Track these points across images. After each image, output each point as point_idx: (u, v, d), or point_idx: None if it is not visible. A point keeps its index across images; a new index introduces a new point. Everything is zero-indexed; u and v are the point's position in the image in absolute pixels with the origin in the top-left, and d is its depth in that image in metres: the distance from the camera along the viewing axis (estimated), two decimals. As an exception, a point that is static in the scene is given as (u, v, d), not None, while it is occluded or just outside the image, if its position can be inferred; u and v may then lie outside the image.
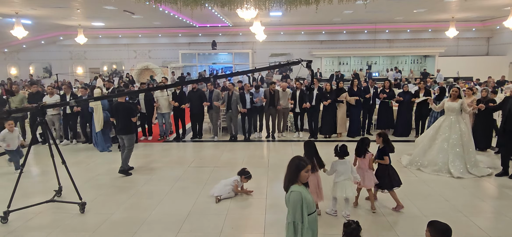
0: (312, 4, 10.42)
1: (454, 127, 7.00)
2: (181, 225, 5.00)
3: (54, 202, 5.67)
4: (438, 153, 7.03)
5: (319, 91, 10.00)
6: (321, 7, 10.99)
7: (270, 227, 4.92)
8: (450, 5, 15.76)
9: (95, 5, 14.94)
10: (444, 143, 7.02)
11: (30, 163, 6.73)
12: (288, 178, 3.14)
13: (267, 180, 6.83)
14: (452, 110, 7.08)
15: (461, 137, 6.93)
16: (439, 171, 6.90)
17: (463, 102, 7.06)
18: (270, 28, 21.27)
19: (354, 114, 10.13)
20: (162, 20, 19.31)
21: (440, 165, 6.92)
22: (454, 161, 6.86)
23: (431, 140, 7.27)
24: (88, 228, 4.97)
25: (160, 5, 11.55)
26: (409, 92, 10.20)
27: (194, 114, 10.21)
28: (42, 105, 5.53)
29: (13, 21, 15.77)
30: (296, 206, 3.00)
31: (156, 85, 13.36)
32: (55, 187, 6.03)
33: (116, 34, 24.03)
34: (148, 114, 10.31)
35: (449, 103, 7.14)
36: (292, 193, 3.04)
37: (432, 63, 22.76)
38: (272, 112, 10.28)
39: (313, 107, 9.86)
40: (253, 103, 10.06)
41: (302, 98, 9.92)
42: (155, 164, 8.07)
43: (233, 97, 9.90)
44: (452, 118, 7.07)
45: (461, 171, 6.78)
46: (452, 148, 6.93)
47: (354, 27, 22.55)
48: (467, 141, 6.95)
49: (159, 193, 6.19)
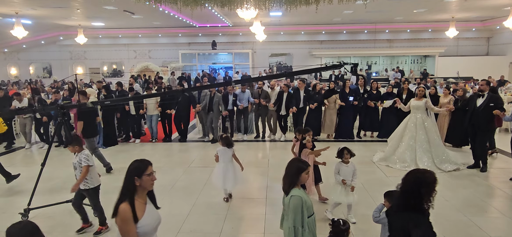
0: (312, 4, 10.41)
1: (419, 125, 7.37)
2: (181, 225, 5.00)
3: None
4: (406, 150, 7.37)
5: (306, 93, 9.90)
6: (321, 7, 10.99)
7: (270, 227, 4.92)
8: (450, 5, 15.76)
9: (95, 5, 14.94)
10: (411, 140, 7.39)
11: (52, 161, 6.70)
12: (289, 180, 3.12)
13: (267, 180, 6.84)
14: (418, 108, 7.46)
15: (427, 133, 7.30)
16: (408, 168, 7.06)
17: (428, 101, 7.53)
18: (270, 28, 21.28)
19: (345, 116, 10.00)
20: (162, 20, 19.31)
21: (409, 162, 7.23)
22: (421, 158, 7.19)
23: (399, 138, 7.63)
24: (88, 228, 4.96)
25: (160, 5, 11.55)
26: (393, 93, 10.12)
27: (180, 115, 10.12)
28: (62, 105, 5.55)
29: (13, 21, 15.78)
30: (297, 211, 2.99)
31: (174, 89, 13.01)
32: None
33: (116, 34, 24.04)
34: (137, 116, 10.19)
35: (415, 102, 7.53)
36: (293, 197, 3.03)
37: (432, 63, 22.77)
38: (261, 113, 10.21)
39: (300, 109, 9.78)
40: (236, 106, 10.02)
41: (289, 100, 9.83)
42: (153, 164, 8.04)
43: (214, 98, 9.76)
44: (418, 116, 7.43)
45: (429, 166, 7.00)
46: (419, 145, 7.27)
47: (354, 27, 22.56)
48: (433, 137, 7.31)
49: (158, 194, 6.17)
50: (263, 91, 10.11)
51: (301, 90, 9.86)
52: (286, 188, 3.13)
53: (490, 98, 6.85)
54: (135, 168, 2.75)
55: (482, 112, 6.86)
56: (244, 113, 10.25)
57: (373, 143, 9.61)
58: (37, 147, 9.99)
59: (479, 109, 6.92)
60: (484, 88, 6.96)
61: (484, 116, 6.86)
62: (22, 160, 8.79)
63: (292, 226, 3.00)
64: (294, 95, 9.89)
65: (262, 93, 10.03)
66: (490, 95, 6.91)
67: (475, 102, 7.07)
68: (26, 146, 9.86)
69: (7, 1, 13.18)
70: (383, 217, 3.90)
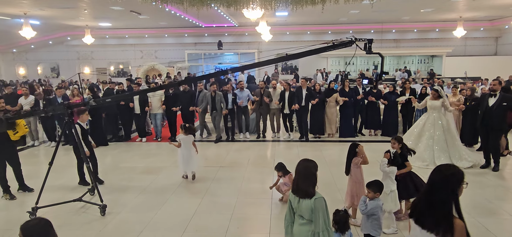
0: (318, 4, 10.39)
1: (437, 124, 7.47)
2: (186, 224, 5.01)
3: (81, 201, 5.70)
4: (425, 149, 7.42)
5: (308, 91, 9.90)
6: (327, 7, 10.96)
7: (275, 226, 4.91)
8: (457, 5, 15.61)
9: (102, 6, 15.06)
10: (429, 140, 7.46)
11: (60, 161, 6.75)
12: (310, 183, 2.96)
13: (273, 180, 6.81)
14: (434, 107, 7.56)
15: (444, 133, 7.39)
16: (427, 166, 7.20)
17: (444, 100, 7.53)
18: (276, 28, 21.27)
19: (346, 115, 10.08)
20: (168, 20, 19.40)
21: (428, 161, 7.29)
22: (439, 157, 7.26)
23: (417, 138, 7.66)
24: (94, 227, 5.00)
25: (166, 5, 11.61)
26: (395, 93, 10.23)
27: (184, 114, 10.18)
28: (68, 104, 5.58)
29: (21, 22, 15.99)
30: (325, 212, 2.92)
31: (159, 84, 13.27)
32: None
33: (123, 34, 24.20)
34: (142, 114, 10.22)
35: (431, 102, 7.63)
36: (317, 200, 2.91)
37: (440, 63, 22.57)
38: (263, 111, 10.21)
39: (302, 107, 9.79)
40: (236, 104, 10.04)
41: (291, 98, 9.84)
42: (159, 164, 8.09)
43: (216, 97, 9.80)
44: (435, 115, 7.54)
45: None
46: (436, 144, 7.37)
47: (361, 27, 22.45)
48: (450, 136, 7.40)
49: (165, 193, 6.22)
50: (266, 90, 10.12)
51: (304, 89, 9.86)
52: (310, 190, 2.95)
53: (503, 98, 6.84)
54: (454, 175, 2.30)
55: (495, 111, 6.85)
56: (244, 112, 10.27)
57: (376, 143, 9.52)
58: (44, 145, 10.11)
59: (492, 108, 6.91)
60: (496, 87, 6.96)
61: (497, 115, 6.86)
62: (30, 159, 8.87)
63: (326, 229, 2.90)
64: (296, 93, 9.89)
65: (265, 92, 10.04)
66: (502, 94, 6.90)
67: (487, 102, 7.05)
68: (35, 143, 10.11)
69: (16, 2, 13.33)
70: (370, 208, 3.95)
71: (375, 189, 4.06)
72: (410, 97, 9.39)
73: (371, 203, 4.02)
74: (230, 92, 10.09)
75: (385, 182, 4.57)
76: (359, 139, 9.83)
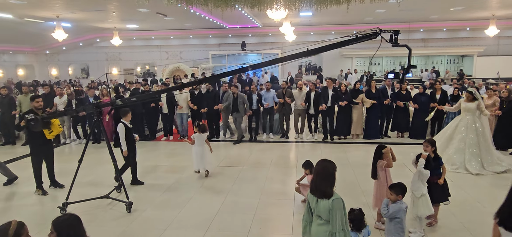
0: (343, 4, 10.23)
1: (470, 127, 7.17)
2: (209, 223, 5.06)
3: (108, 198, 5.87)
4: (455, 152, 7.19)
5: (334, 91, 9.79)
6: (352, 7, 10.77)
7: (298, 227, 4.88)
8: (490, 3, 15.00)
9: (129, 8, 15.45)
10: (461, 143, 7.20)
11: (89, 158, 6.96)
12: (328, 183, 2.97)
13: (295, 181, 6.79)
14: (468, 110, 7.25)
15: (477, 136, 7.11)
16: (456, 170, 7.02)
17: (480, 103, 7.21)
18: (299, 29, 21.13)
19: (372, 116, 9.90)
20: (193, 21, 19.68)
21: (458, 165, 7.07)
22: (470, 161, 7.03)
23: (448, 140, 7.43)
24: (121, 223, 5.15)
25: (192, 7, 11.76)
26: (425, 94, 9.93)
27: (209, 113, 10.30)
28: (97, 104, 5.79)
29: (54, 25, 16.70)
30: (342, 212, 2.93)
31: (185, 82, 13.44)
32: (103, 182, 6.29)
33: (149, 36, 24.74)
34: (170, 114, 10.47)
35: (466, 104, 7.32)
36: (335, 200, 2.93)
37: (470, 63, 21.74)
38: (286, 112, 10.17)
39: (328, 108, 9.68)
40: (262, 105, 10.04)
41: (317, 99, 9.76)
42: (183, 163, 8.21)
43: (239, 99, 9.83)
44: (469, 118, 7.24)
45: (478, 169, 6.93)
46: (468, 148, 7.10)
47: (387, 26, 21.77)
48: (483, 140, 7.12)
49: (188, 191, 6.31)
50: (287, 90, 10.09)
51: (330, 89, 9.76)
52: (328, 190, 2.97)
53: None
54: None
55: None
56: (269, 112, 10.26)
57: (402, 145, 9.28)
58: (74, 144, 10.50)
59: None
60: None
61: None
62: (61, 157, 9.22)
63: (344, 229, 2.91)
64: (322, 94, 9.80)
65: (287, 92, 10.01)
66: None
67: None
68: (67, 141, 10.57)
69: (49, 5, 13.91)
70: (392, 211, 3.85)
71: (398, 192, 3.97)
72: (441, 107, 9.12)
73: (394, 206, 3.93)
74: (255, 93, 10.13)
75: (416, 186, 4.47)
76: (384, 141, 9.62)
